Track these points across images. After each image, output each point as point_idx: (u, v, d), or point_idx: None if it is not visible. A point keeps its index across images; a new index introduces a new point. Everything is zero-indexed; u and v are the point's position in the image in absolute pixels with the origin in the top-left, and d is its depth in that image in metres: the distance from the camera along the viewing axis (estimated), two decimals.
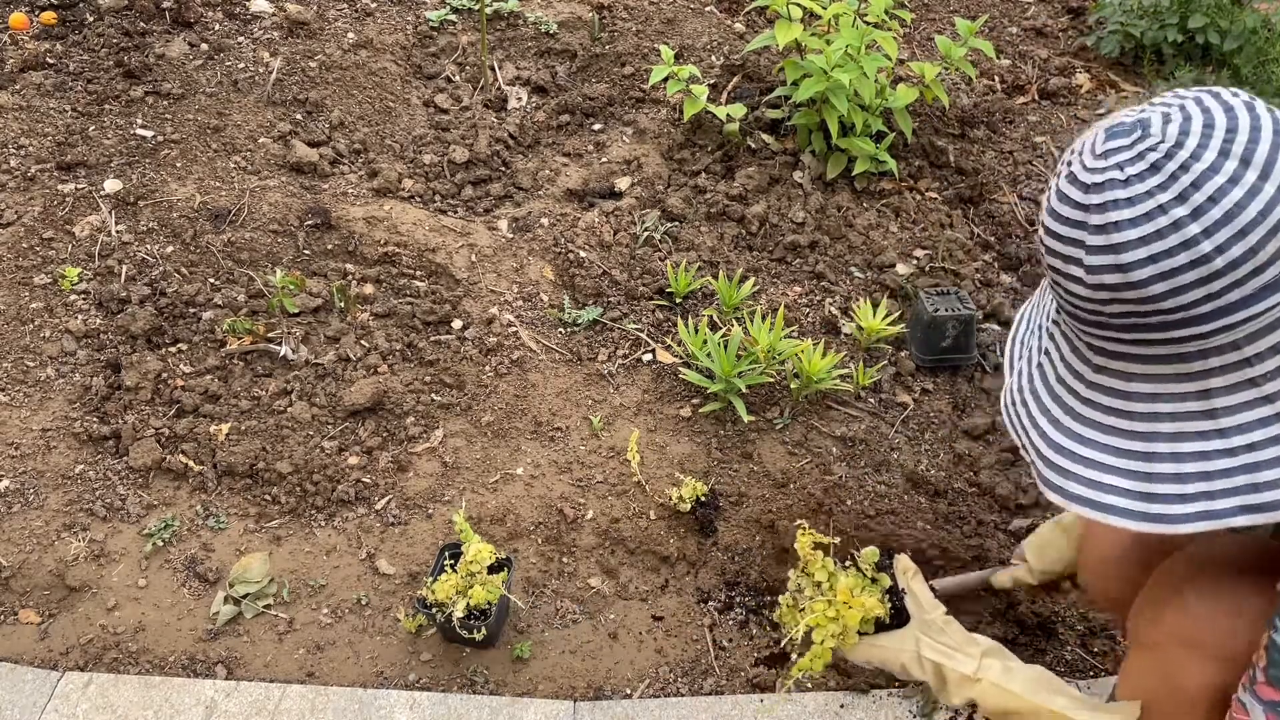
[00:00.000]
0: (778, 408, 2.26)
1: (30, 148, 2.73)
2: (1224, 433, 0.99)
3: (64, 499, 2.02)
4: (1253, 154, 0.91)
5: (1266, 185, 0.90)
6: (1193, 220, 0.91)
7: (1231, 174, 0.91)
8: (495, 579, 1.74)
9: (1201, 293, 0.93)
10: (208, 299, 2.39)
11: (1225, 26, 3.43)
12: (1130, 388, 1.04)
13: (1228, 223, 0.91)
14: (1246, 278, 0.92)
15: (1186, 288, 0.94)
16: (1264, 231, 0.90)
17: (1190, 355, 0.99)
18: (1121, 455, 1.05)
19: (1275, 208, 0.90)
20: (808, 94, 2.64)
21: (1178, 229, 0.92)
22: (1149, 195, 0.93)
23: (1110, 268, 0.96)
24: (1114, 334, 1.02)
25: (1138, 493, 1.02)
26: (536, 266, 2.59)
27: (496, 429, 2.21)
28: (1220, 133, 0.92)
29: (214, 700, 1.71)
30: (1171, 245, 0.92)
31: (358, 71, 3.12)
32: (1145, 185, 0.93)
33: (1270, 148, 0.91)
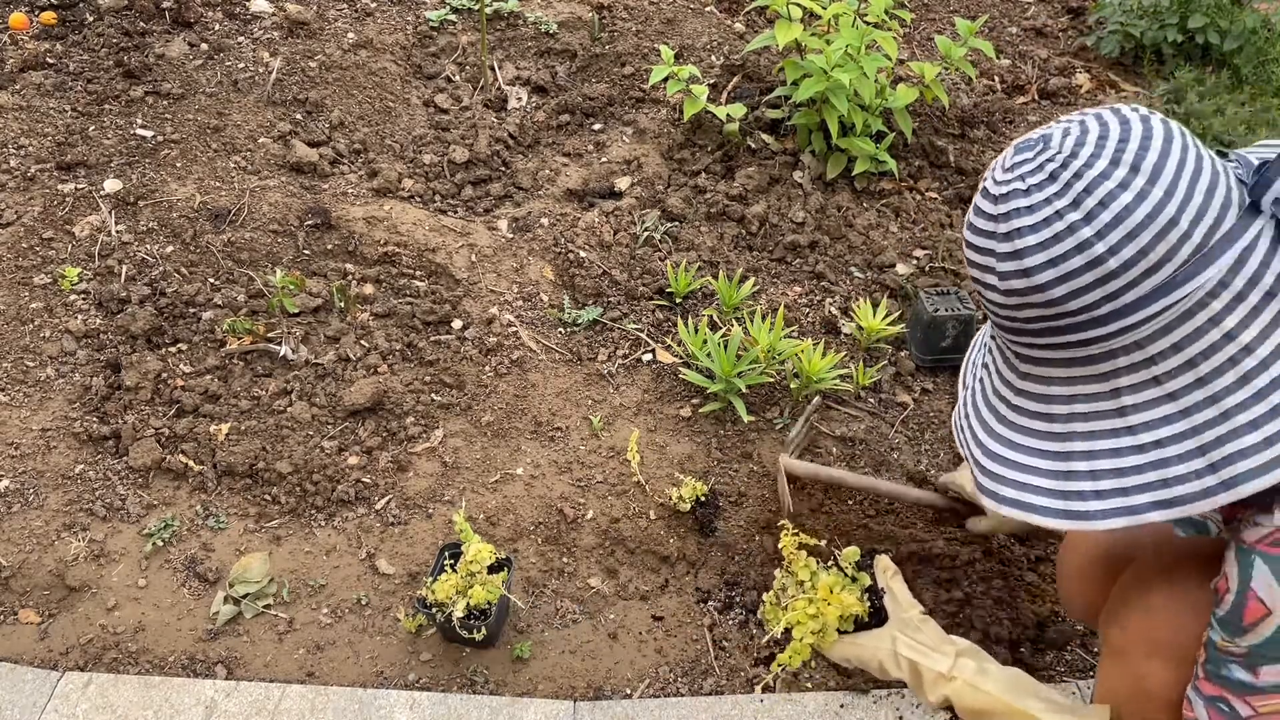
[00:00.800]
0: (778, 408, 2.26)
1: (30, 148, 2.73)
2: (1133, 430, 1.03)
3: (64, 499, 2.01)
4: (1141, 161, 0.96)
5: (1154, 189, 0.95)
6: (1086, 224, 0.97)
7: (1121, 180, 0.96)
8: (495, 579, 1.74)
9: (1100, 293, 0.99)
10: (208, 299, 2.39)
11: (1225, 26, 3.43)
12: (1050, 391, 1.09)
13: (1118, 225, 0.96)
14: (1140, 278, 0.97)
15: (1086, 289, 0.99)
16: (1153, 233, 0.95)
17: (1098, 357, 1.03)
18: (1043, 456, 1.09)
19: (1162, 210, 0.95)
20: (808, 94, 2.64)
21: (1073, 233, 0.97)
22: (1047, 203, 0.99)
23: (1017, 273, 1.02)
24: (1030, 339, 1.07)
25: (1058, 491, 1.07)
26: (536, 266, 2.59)
27: (496, 429, 2.21)
28: (1113, 142, 0.97)
29: (214, 700, 1.71)
30: (1068, 249, 0.98)
31: (358, 71, 3.12)
32: (1044, 194, 0.99)
33: (1158, 155, 0.96)
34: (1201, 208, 0.96)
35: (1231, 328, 0.98)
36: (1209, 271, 0.97)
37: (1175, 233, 0.96)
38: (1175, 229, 0.96)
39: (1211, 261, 0.97)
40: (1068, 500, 1.07)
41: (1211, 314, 0.98)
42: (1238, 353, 0.98)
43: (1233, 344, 0.98)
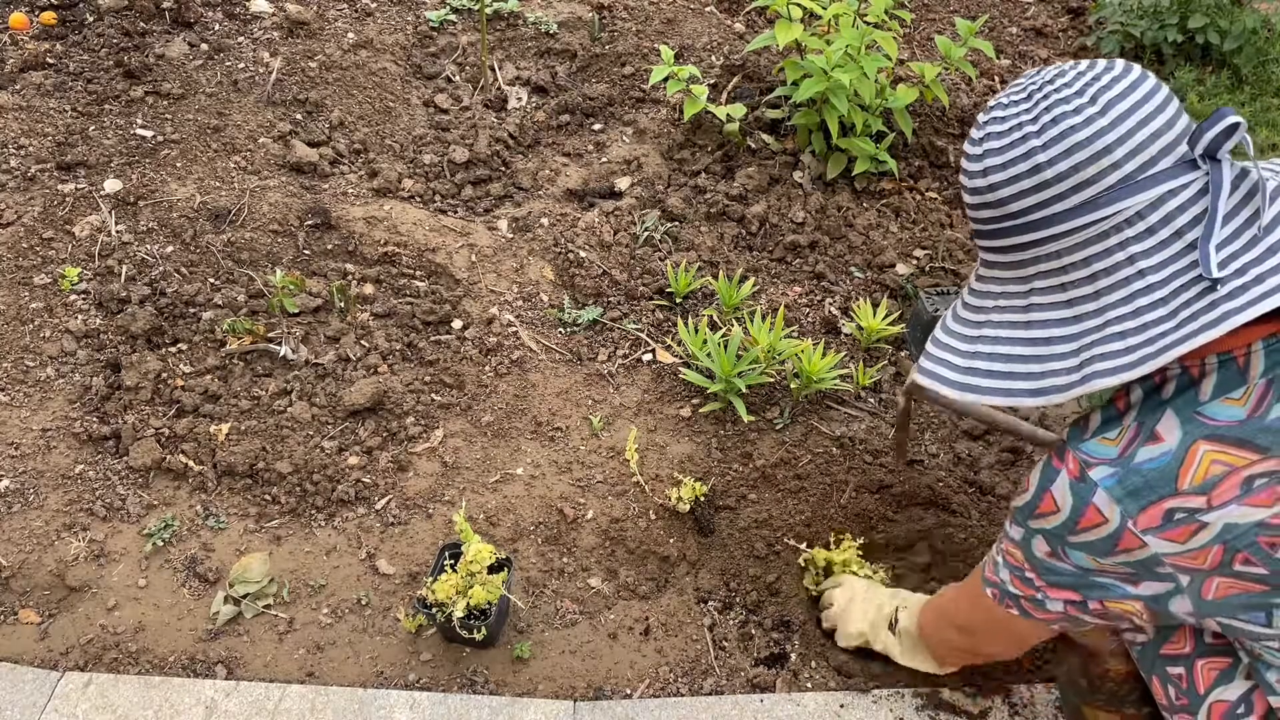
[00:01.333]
0: (778, 408, 2.26)
1: (30, 148, 2.73)
2: (1029, 325, 1.20)
3: (64, 499, 2.01)
4: (1101, 95, 1.11)
5: (1101, 119, 1.11)
6: (1037, 138, 1.13)
7: (1076, 106, 1.12)
8: (495, 579, 1.74)
9: (1035, 199, 1.15)
10: (208, 299, 2.39)
11: (1225, 26, 3.43)
12: (986, 289, 1.27)
13: (1060, 141, 1.12)
14: (1069, 191, 1.12)
15: (1024, 193, 1.16)
16: (1088, 154, 1.11)
17: (1026, 262, 1.20)
18: (962, 339, 1.27)
19: (1102, 137, 1.10)
20: (808, 94, 2.64)
21: (1025, 142, 1.14)
22: (1015, 117, 1.16)
23: (979, 173, 1.20)
24: (985, 242, 1.25)
25: (962, 367, 1.24)
26: (536, 266, 2.59)
27: (496, 429, 2.21)
28: (1086, 79, 1.13)
29: (214, 700, 1.71)
30: (1017, 156, 1.15)
31: (358, 71, 3.12)
32: (1016, 109, 1.17)
33: (1117, 94, 1.11)
34: (1139, 145, 1.10)
35: (1135, 253, 1.11)
36: (1130, 200, 1.10)
37: (1107, 159, 1.10)
38: (1108, 156, 1.10)
39: (1135, 193, 1.10)
40: (966, 375, 1.23)
41: (1123, 239, 1.12)
42: (1133, 275, 1.11)
43: (1132, 268, 1.11)
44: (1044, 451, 1.95)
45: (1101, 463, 1.15)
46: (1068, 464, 1.18)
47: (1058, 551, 1.22)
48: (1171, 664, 1.31)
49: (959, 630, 1.55)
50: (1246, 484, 1.08)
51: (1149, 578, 1.16)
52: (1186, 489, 1.10)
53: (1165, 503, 1.11)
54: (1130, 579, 1.18)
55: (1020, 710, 1.75)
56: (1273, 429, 1.07)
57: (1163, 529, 1.11)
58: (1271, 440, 1.07)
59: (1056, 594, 1.27)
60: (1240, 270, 1.06)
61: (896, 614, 1.73)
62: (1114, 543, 1.15)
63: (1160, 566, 1.14)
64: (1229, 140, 1.10)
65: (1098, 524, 1.15)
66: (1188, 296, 1.08)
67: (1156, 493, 1.11)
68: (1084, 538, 1.18)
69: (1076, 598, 1.26)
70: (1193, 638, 1.29)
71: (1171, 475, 1.10)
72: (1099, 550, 1.17)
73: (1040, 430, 1.97)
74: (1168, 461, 1.11)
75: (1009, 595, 1.35)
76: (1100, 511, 1.14)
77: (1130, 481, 1.13)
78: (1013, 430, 1.98)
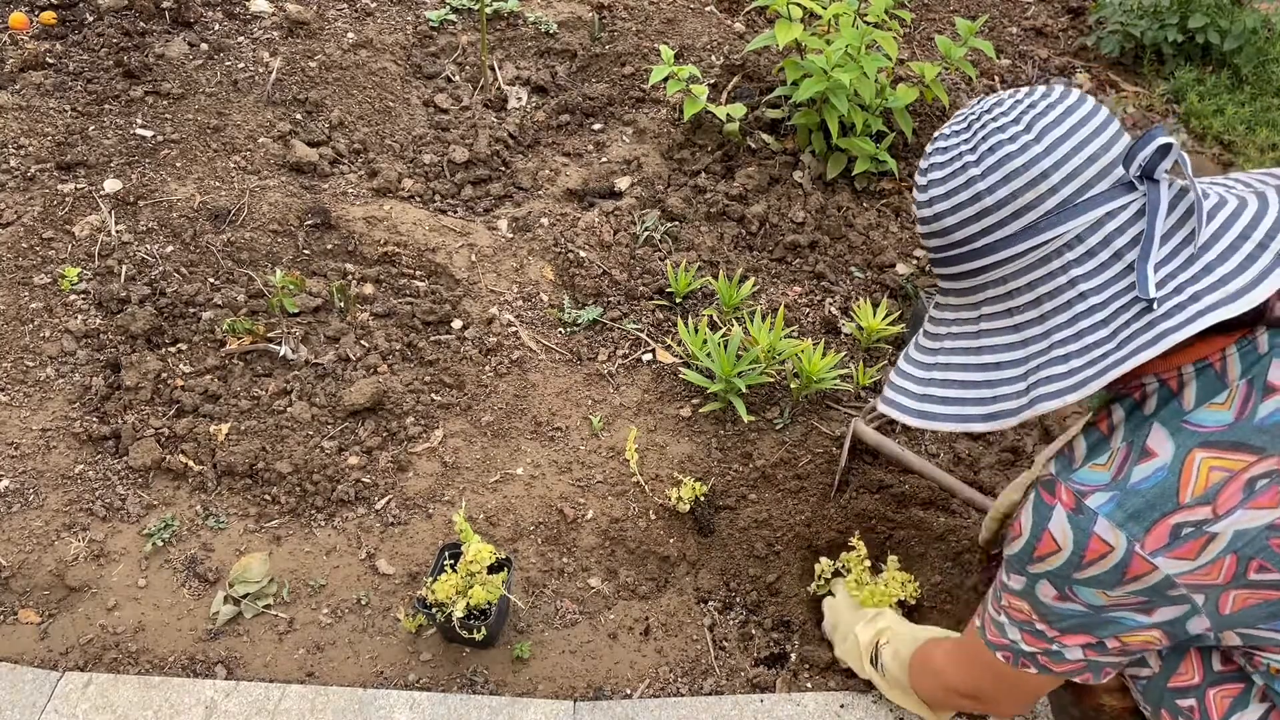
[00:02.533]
0: (778, 408, 2.26)
1: (30, 148, 2.73)
2: (980, 351, 1.22)
3: (64, 499, 2.01)
4: (1036, 123, 1.14)
5: (1036, 146, 1.13)
6: (976, 166, 1.16)
7: (1012, 135, 1.14)
8: (495, 579, 1.74)
9: (977, 227, 1.17)
10: (208, 299, 2.39)
11: (1225, 26, 3.43)
12: (941, 316, 1.30)
13: (998, 169, 1.14)
14: (1010, 218, 1.15)
15: (967, 221, 1.18)
16: (1025, 180, 1.13)
17: (975, 289, 1.22)
18: (918, 367, 1.29)
19: (1038, 164, 1.13)
20: (808, 94, 2.64)
21: (965, 171, 1.17)
22: (955, 149, 1.19)
23: (925, 203, 1.23)
24: (938, 270, 1.27)
25: (918, 395, 1.26)
26: (536, 266, 2.59)
27: (496, 429, 2.21)
28: (1022, 107, 1.16)
29: (214, 700, 1.71)
30: (959, 185, 1.18)
31: (358, 71, 3.12)
32: (957, 140, 1.19)
33: (1053, 121, 1.14)
34: (1076, 170, 1.12)
35: (1077, 276, 1.13)
36: (1069, 224, 1.12)
37: (1045, 184, 1.13)
38: (1045, 181, 1.13)
39: (1074, 216, 1.12)
40: (922, 403, 1.25)
41: (1065, 262, 1.13)
42: (1075, 298, 1.13)
43: (1073, 290, 1.13)
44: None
45: (1096, 489, 1.13)
46: (1061, 497, 1.15)
47: (1065, 592, 1.18)
48: (1181, 696, 1.27)
49: (962, 696, 1.48)
50: (1249, 487, 1.06)
51: (1162, 603, 1.13)
52: (1189, 501, 1.08)
53: (1170, 519, 1.08)
54: (1143, 608, 1.15)
55: None
56: (1264, 428, 1.07)
57: (1171, 547, 1.08)
58: (1266, 440, 1.07)
59: (1072, 639, 1.22)
60: (1178, 289, 1.07)
61: (878, 649, 1.68)
62: (1122, 571, 1.11)
63: (1173, 589, 1.11)
64: (1163, 161, 1.11)
65: (1104, 554, 1.12)
66: (1127, 317, 1.09)
67: (1159, 510, 1.09)
68: (1091, 572, 1.14)
69: (1093, 640, 1.21)
70: (1201, 667, 1.26)
71: (1172, 490, 1.08)
72: (1108, 583, 1.14)
73: (964, 486, 2.01)
74: (1165, 476, 1.09)
75: (1024, 655, 1.29)
76: (1104, 540, 1.11)
77: (1130, 503, 1.10)
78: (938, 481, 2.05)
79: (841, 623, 1.77)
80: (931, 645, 1.58)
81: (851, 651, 1.73)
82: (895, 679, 1.64)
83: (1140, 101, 3.35)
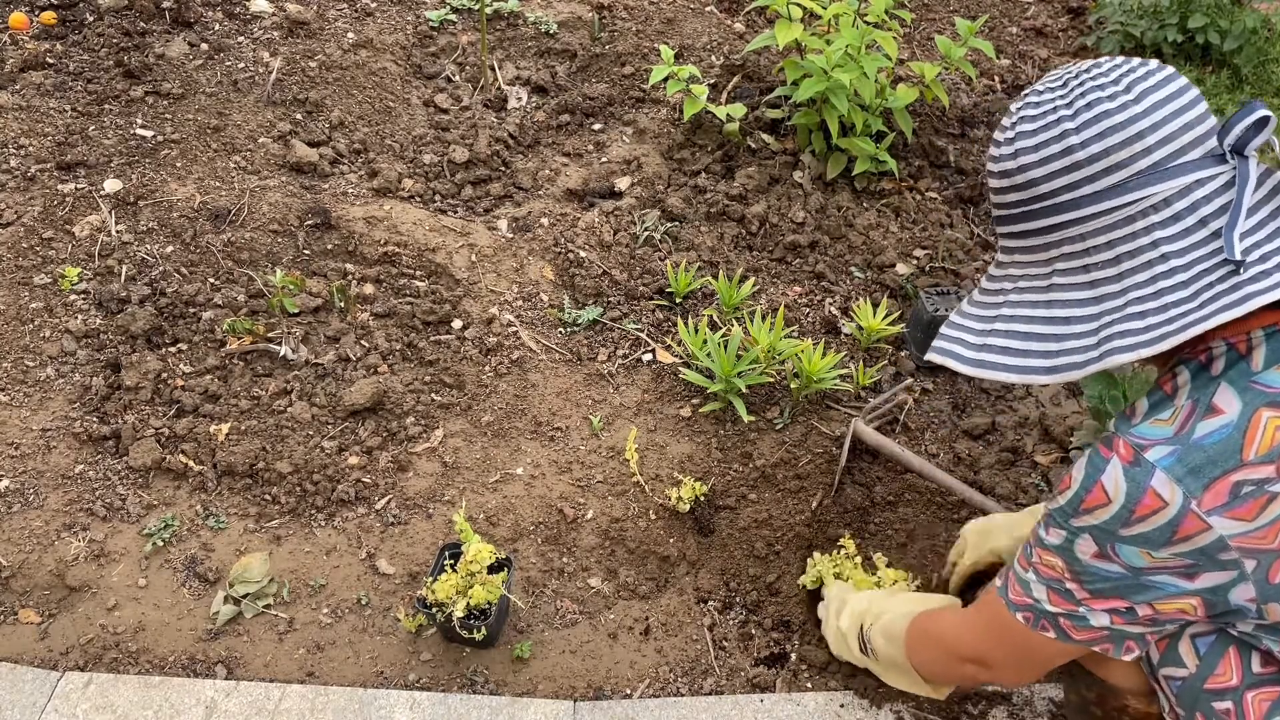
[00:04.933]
0: (778, 408, 2.26)
1: (30, 148, 2.73)
2: (1050, 304, 1.21)
3: (64, 499, 2.01)
4: (1135, 85, 1.14)
5: (1135, 107, 1.13)
6: (1071, 120, 1.16)
7: (1111, 94, 1.15)
8: (495, 579, 1.74)
9: (1065, 180, 1.17)
10: (208, 299, 2.39)
11: (1225, 26, 3.43)
12: (1005, 273, 1.29)
13: (1094, 124, 1.14)
14: (1100, 174, 1.15)
15: (1055, 174, 1.18)
16: (1121, 138, 1.13)
17: (1050, 245, 1.22)
18: (978, 320, 1.28)
19: (1135, 123, 1.13)
20: (808, 94, 2.64)
21: (1059, 125, 1.17)
22: (1050, 102, 1.19)
23: (1009, 155, 1.22)
24: (1008, 227, 1.26)
25: (977, 345, 1.26)
26: (536, 266, 2.59)
27: (496, 429, 2.21)
28: (1122, 69, 1.17)
29: (214, 700, 1.71)
30: (1050, 137, 1.18)
31: (358, 71, 3.12)
32: (1052, 95, 1.19)
33: (1152, 85, 1.14)
34: (1170, 135, 1.13)
35: (1160, 238, 1.13)
36: (1159, 186, 1.13)
37: (1139, 144, 1.13)
38: (1140, 141, 1.13)
39: (1164, 179, 1.13)
40: (980, 352, 1.24)
41: (1149, 224, 1.14)
42: (1156, 259, 1.13)
43: (1155, 251, 1.13)
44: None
45: (1157, 443, 1.11)
46: (1118, 450, 1.13)
47: (1106, 550, 1.15)
48: (1218, 699, 1.24)
49: (969, 662, 1.43)
50: None
51: (1209, 568, 1.11)
52: (1253, 459, 1.06)
53: (1231, 476, 1.07)
54: (1186, 573, 1.12)
55: (1019, 710, 1.75)
56: None
57: (1230, 505, 1.07)
58: None
59: (1101, 604, 1.20)
60: (1263, 257, 1.08)
61: (864, 633, 1.64)
62: (1173, 530, 1.09)
63: (1224, 552, 1.09)
64: (1258, 135, 1.13)
65: (1156, 509, 1.09)
66: (1210, 279, 1.09)
67: (1220, 467, 1.07)
68: (1139, 529, 1.11)
69: (1124, 605, 1.18)
70: (1240, 668, 1.23)
71: (1236, 447, 1.07)
72: (1155, 541, 1.11)
73: (964, 486, 2.01)
74: (1230, 433, 1.08)
75: (1045, 616, 1.26)
76: (1159, 495, 1.09)
77: (1192, 458, 1.08)
78: (937, 481, 2.03)
79: (828, 619, 1.75)
80: (926, 617, 1.55)
81: (838, 642, 1.70)
82: (890, 658, 1.59)
83: None
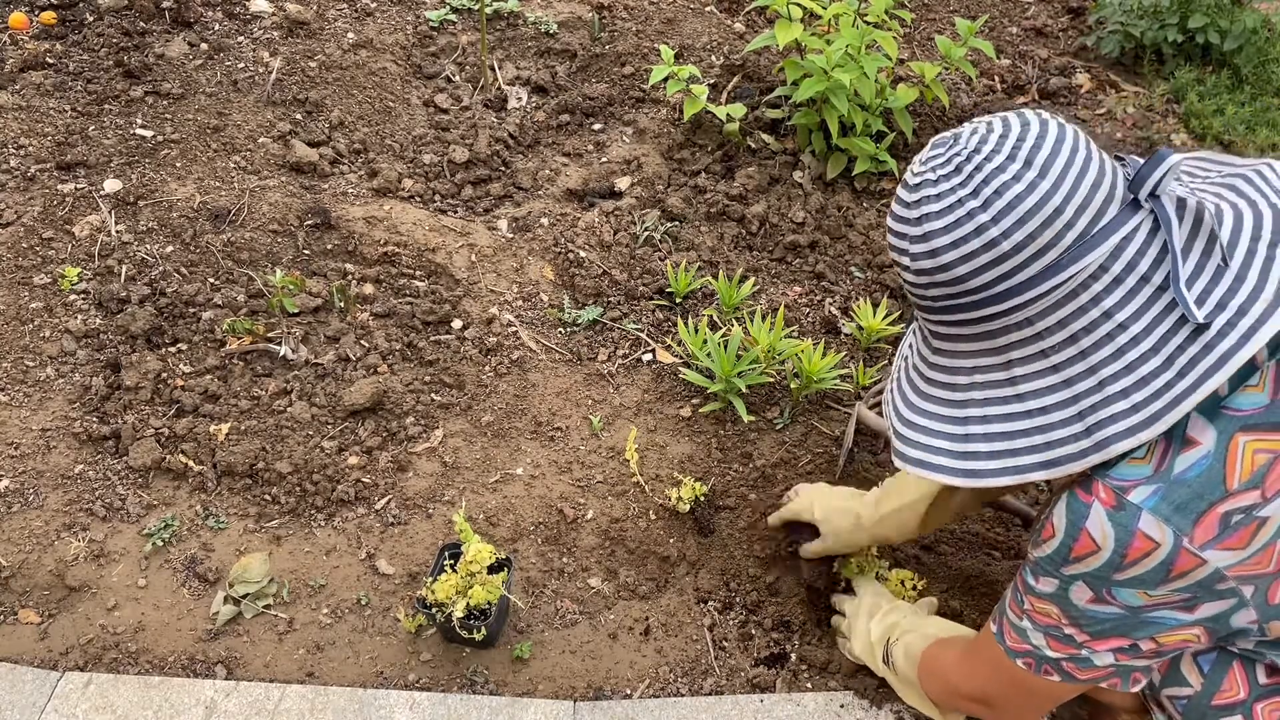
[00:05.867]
0: (778, 408, 2.26)
1: (30, 148, 2.73)
2: (1021, 398, 1.15)
3: (64, 499, 2.01)
4: (1034, 156, 1.09)
5: (1043, 182, 1.09)
6: (984, 211, 1.11)
7: (1015, 173, 1.09)
8: (495, 579, 1.74)
9: (995, 273, 1.12)
10: (208, 299, 2.39)
11: (1225, 26, 3.43)
12: (956, 364, 1.22)
13: (1010, 212, 1.09)
14: (1030, 259, 1.10)
15: (983, 268, 1.12)
16: (1041, 219, 1.09)
17: (995, 332, 1.16)
18: (947, 422, 1.22)
19: (1049, 200, 1.08)
20: (808, 94, 2.64)
21: (972, 219, 1.11)
22: (952, 192, 1.13)
23: (926, 254, 1.16)
24: (940, 317, 1.21)
25: (957, 453, 1.19)
26: (536, 266, 2.59)
27: (496, 429, 2.21)
28: (1012, 140, 1.11)
29: (214, 700, 1.71)
30: (968, 232, 1.12)
31: (358, 71, 3.12)
32: (950, 184, 1.13)
33: (1049, 152, 1.09)
34: (1085, 200, 1.09)
35: (1109, 307, 1.09)
36: (1091, 256, 1.09)
37: (1060, 220, 1.09)
38: (1060, 217, 1.09)
39: (1094, 248, 1.09)
40: (964, 460, 1.18)
41: (1093, 294, 1.10)
42: (1114, 329, 1.09)
43: (1110, 321, 1.09)
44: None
45: (1138, 483, 1.08)
46: (1099, 495, 1.10)
47: (1102, 595, 1.14)
48: (1226, 714, 1.23)
49: (972, 701, 1.42)
50: None
51: (1207, 599, 1.10)
52: (1237, 487, 1.05)
53: (1218, 507, 1.06)
54: (1185, 606, 1.11)
55: None
56: None
57: (1221, 537, 1.06)
58: None
59: (1104, 645, 1.18)
60: (1220, 305, 1.05)
61: (889, 646, 1.63)
62: (1168, 569, 1.08)
63: (1221, 583, 1.08)
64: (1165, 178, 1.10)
65: (1148, 552, 1.08)
66: (1178, 341, 1.06)
67: (1206, 500, 1.06)
68: (1132, 572, 1.10)
69: (1126, 643, 1.17)
70: (1246, 681, 1.22)
71: (1219, 477, 1.06)
72: (1150, 582, 1.09)
73: None
74: (1210, 464, 1.06)
75: (1047, 662, 1.24)
76: (1149, 536, 1.07)
77: (1176, 495, 1.07)
78: None
79: (858, 620, 1.73)
80: (939, 646, 1.53)
81: (865, 648, 1.69)
82: (906, 677, 1.59)
83: (1140, 102, 3.35)
